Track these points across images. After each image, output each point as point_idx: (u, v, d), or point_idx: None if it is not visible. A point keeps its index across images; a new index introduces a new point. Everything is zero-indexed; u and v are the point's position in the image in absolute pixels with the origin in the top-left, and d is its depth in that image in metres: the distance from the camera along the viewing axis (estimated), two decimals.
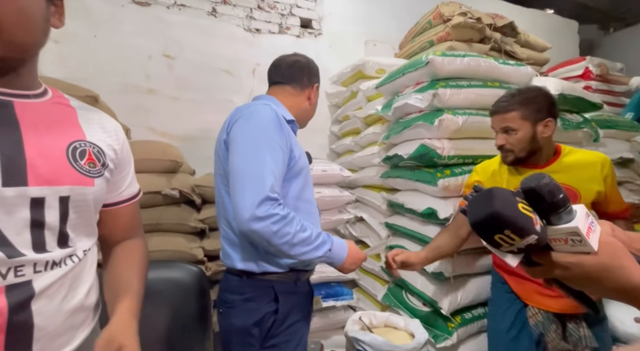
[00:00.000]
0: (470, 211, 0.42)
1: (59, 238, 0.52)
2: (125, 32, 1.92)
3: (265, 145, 0.81)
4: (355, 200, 2.02)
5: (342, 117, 2.28)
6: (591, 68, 2.79)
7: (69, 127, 0.56)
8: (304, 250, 0.82)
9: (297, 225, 0.81)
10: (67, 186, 0.52)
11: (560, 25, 3.44)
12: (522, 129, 1.02)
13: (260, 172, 0.78)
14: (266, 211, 0.75)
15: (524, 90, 1.07)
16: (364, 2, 2.56)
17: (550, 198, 0.39)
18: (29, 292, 0.48)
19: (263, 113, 0.85)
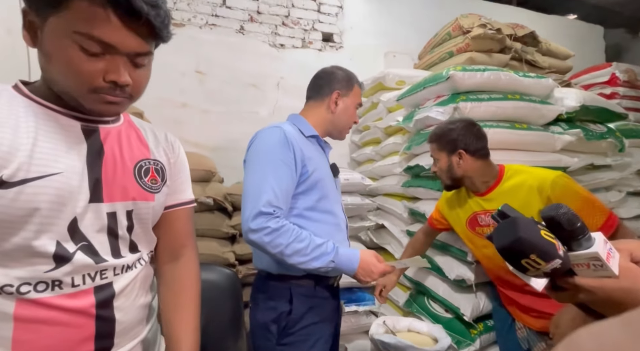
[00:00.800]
0: (496, 238, 0.45)
1: (130, 246, 0.60)
2: (161, 51, 2.05)
3: (268, 164, 0.89)
4: (376, 207, 2.07)
5: (363, 127, 2.35)
6: (618, 74, 2.73)
7: (138, 147, 0.63)
8: (301, 260, 0.87)
9: (291, 237, 0.85)
10: (129, 201, 0.59)
11: (584, 30, 3.38)
12: (440, 159, 1.14)
13: (259, 188, 0.86)
14: (259, 224, 0.83)
15: (446, 123, 1.17)
16: (383, 15, 2.64)
17: (569, 226, 0.42)
18: (111, 292, 0.56)
19: (268, 136, 0.94)
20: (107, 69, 0.50)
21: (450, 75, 1.40)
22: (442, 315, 1.45)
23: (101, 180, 0.56)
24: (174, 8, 2.12)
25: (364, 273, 0.92)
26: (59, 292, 0.51)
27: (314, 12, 2.45)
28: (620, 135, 1.57)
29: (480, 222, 1.13)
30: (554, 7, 3.31)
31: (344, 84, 1.05)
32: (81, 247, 0.53)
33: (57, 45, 0.48)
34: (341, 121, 1.06)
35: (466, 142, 1.09)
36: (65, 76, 0.50)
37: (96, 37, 0.48)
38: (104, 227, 0.56)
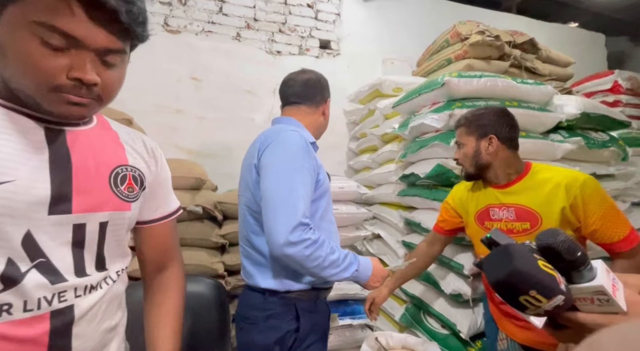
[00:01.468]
0: (488, 270, 0.40)
1: (97, 262, 0.54)
2: (157, 57, 2.08)
3: (296, 171, 0.85)
4: (373, 217, 2.02)
5: (360, 134, 2.32)
6: (620, 82, 2.69)
7: (113, 151, 0.58)
8: (334, 272, 0.85)
9: (328, 248, 0.83)
10: (105, 212, 0.54)
11: (585, 38, 3.35)
12: (467, 144, 1.07)
13: (292, 197, 0.81)
14: (299, 236, 0.78)
15: (477, 108, 1.11)
16: (381, 22, 2.63)
17: (570, 256, 0.37)
18: (70, 317, 0.49)
19: (293, 140, 0.89)
20: (72, 65, 0.45)
21: (445, 82, 1.36)
22: (438, 331, 1.38)
23: (71, 189, 0.50)
24: (170, 15, 2.12)
25: (375, 279, 0.92)
26: (7, 318, 0.44)
27: (311, 19, 2.44)
28: (624, 144, 1.52)
29: (492, 216, 1.06)
30: (555, 15, 3.29)
31: (328, 91, 1.11)
32: (37, 265, 0.47)
33: (14, 37, 0.43)
34: (324, 127, 1.12)
35: (498, 128, 1.04)
36: (23, 72, 0.44)
37: (58, 29, 0.43)
38: (68, 241, 0.50)
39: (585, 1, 3.15)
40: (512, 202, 1.01)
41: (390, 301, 1.78)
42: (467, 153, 1.06)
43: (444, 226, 1.22)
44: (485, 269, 0.40)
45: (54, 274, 0.48)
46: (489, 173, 1.06)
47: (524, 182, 1.02)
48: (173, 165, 1.57)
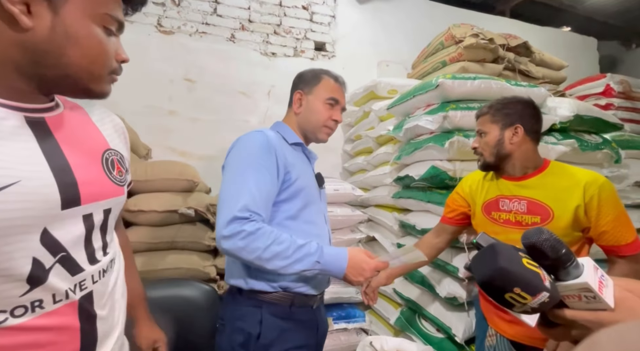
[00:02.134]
0: (475, 270, 0.41)
1: (103, 247, 0.55)
2: (150, 58, 2.05)
3: (248, 167, 0.83)
4: (368, 219, 2.01)
5: (355, 137, 2.31)
6: (612, 85, 2.71)
7: (94, 135, 0.57)
8: (283, 264, 0.79)
9: (269, 239, 0.78)
10: (108, 199, 0.54)
11: (578, 42, 3.39)
12: (490, 132, 1.04)
13: (235, 193, 0.81)
14: (232, 229, 0.76)
15: (504, 97, 1.09)
16: (376, 25, 2.63)
17: (554, 253, 0.38)
18: (91, 302, 0.52)
19: (251, 139, 0.88)
20: (117, 49, 0.52)
21: (439, 83, 1.36)
22: (433, 334, 1.37)
23: (75, 180, 0.48)
24: (164, 16, 2.10)
25: (355, 272, 0.82)
26: (41, 312, 0.46)
27: (306, 21, 2.44)
28: (616, 146, 1.52)
29: (501, 207, 1.04)
30: (548, 19, 3.32)
31: (307, 82, 1.00)
32: (59, 260, 0.48)
33: (88, 26, 0.47)
34: (310, 121, 0.99)
35: (525, 119, 1.02)
36: (94, 58, 0.48)
37: (117, 18, 0.50)
38: (81, 232, 0.50)
39: (577, 6, 3.19)
40: (526, 195, 1.00)
41: (385, 304, 1.77)
42: (489, 141, 1.04)
43: (452, 215, 1.19)
44: (472, 269, 0.41)
45: (73, 265, 0.50)
46: (507, 164, 1.04)
47: (541, 177, 1.01)
48: (165, 166, 1.56)
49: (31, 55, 0.45)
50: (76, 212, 0.49)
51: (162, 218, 1.44)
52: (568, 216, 0.93)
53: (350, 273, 0.82)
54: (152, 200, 1.44)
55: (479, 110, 1.10)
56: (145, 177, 1.47)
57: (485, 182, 1.12)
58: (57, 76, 0.47)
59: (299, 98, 1.00)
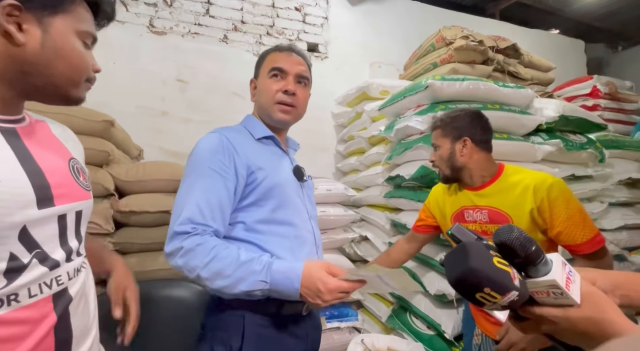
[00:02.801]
0: (447, 268, 0.41)
1: (78, 247, 0.59)
2: (142, 59, 2.05)
3: (195, 174, 0.76)
4: (360, 219, 2.03)
5: (348, 137, 2.33)
6: (599, 86, 2.78)
7: (57, 145, 0.61)
8: (224, 284, 0.69)
9: (207, 256, 0.69)
10: (79, 202, 0.58)
11: (566, 44, 3.46)
12: (443, 146, 1.08)
13: (179, 205, 0.74)
14: (172, 246, 0.71)
15: (453, 111, 1.12)
16: (368, 26, 2.66)
17: (523, 251, 0.38)
18: (68, 297, 0.55)
19: (202, 143, 0.80)
20: (92, 61, 0.59)
21: (429, 85, 1.38)
22: (424, 331, 1.39)
23: (47, 183, 0.53)
24: (156, 16, 2.10)
25: (311, 293, 0.68)
26: (16, 306, 0.49)
27: (299, 23, 2.46)
28: (601, 146, 1.56)
29: (466, 218, 1.07)
30: (537, 21, 3.39)
31: (256, 67, 0.94)
32: (35, 255, 0.51)
33: (70, 41, 0.54)
34: (261, 103, 0.89)
35: (472, 131, 1.05)
36: (75, 68, 0.56)
37: (92, 34, 0.58)
38: (56, 231, 0.54)
39: (565, 9, 3.25)
40: (485, 204, 1.03)
41: (377, 302, 1.78)
42: (442, 155, 1.08)
43: (420, 224, 1.25)
44: (445, 266, 0.42)
45: (50, 262, 0.53)
46: (464, 175, 1.07)
47: (496, 184, 1.04)
48: (157, 167, 1.56)
49: (20, 66, 0.51)
50: (52, 212, 0.53)
51: (154, 219, 1.44)
52: (526, 220, 0.95)
53: (305, 294, 0.68)
54: (144, 201, 1.44)
55: (432, 124, 1.13)
56: (137, 177, 1.47)
57: (451, 193, 1.14)
58: (41, 83, 0.54)
59: (253, 87, 0.94)
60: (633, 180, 1.68)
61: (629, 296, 0.42)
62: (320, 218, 1.80)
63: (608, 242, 1.62)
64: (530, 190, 0.95)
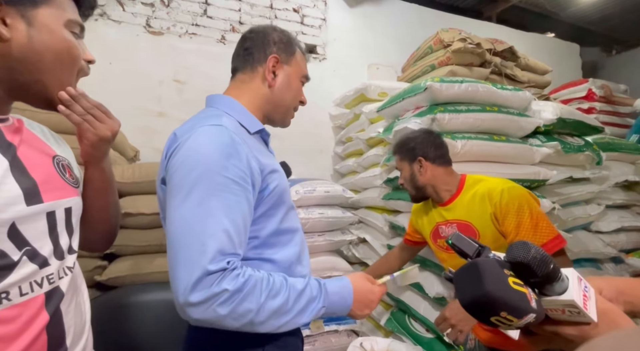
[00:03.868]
0: (457, 288, 0.39)
1: (70, 245, 0.58)
2: (138, 59, 2.03)
3: (213, 192, 0.57)
4: (358, 221, 2.02)
5: (346, 139, 2.32)
6: (594, 89, 2.81)
7: (39, 143, 0.58)
8: (282, 322, 0.59)
9: (262, 294, 0.57)
10: (67, 198, 0.57)
11: (561, 48, 3.50)
12: (403, 170, 1.14)
13: (199, 233, 0.55)
14: (206, 293, 0.52)
15: (406, 134, 1.19)
16: (366, 28, 2.66)
17: (541, 270, 0.36)
18: (59, 295, 0.54)
19: (206, 142, 0.60)
20: (83, 51, 0.57)
21: (427, 86, 1.38)
22: (423, 335, 1.38)
23: (34, 180, 0.52)
24: (153, 16, 2.08)
25: (362, 305, 0.67)
26: (7, 304, 0.48)
27: (297, 24, 2.45)
28: (598, 148, 1.57)
29: (441, 234, 1.11)
30: (533, 25, 3.42)
31: (282, 47, 0.74)
32: (25, 253, 0.50)
33: (57, 32, 0.52)
34: (284, 99, 0.75)
35: (425, 150, 1.10)
36: (65, 61, 0.54)
37: (77, 21, 0.56)
38: (45, 229, 0.53)
39: (561, 13, 3.28)
40: (454, 217, 1.07)
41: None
42: (405, 177, 1.14)
43: (408, 238, 1.32)
44: (455, 286, 0.40)
45: (40, 259, 0.51)
46: (430, 193, 1.12)
47: (461, 196, 1.07)
48: (154, 168, 1.54)
49: (8, 63, 0.50)
50: (40, 209, 0.51)
51: (150, 221, 1.42)
52: (490, 228, 0.98)
53: (356, 309, 0.67)
54: (140, 203, 1.42)
55: (392, 150, 1.19)
56: (133, 179, 1.45)
57: (427, 210, 1.19)
58: (29, 80, 0.52)
59: (273, 66, 0.73)
60: (629, 182, 1.69)
61: (632, 303, 0.42)
62: (318, 220, 1.79)
63: (605, 244, 1.63)
64: (486, 198, 0.99)
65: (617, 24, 3.51)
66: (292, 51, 0.76)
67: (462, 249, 0.43)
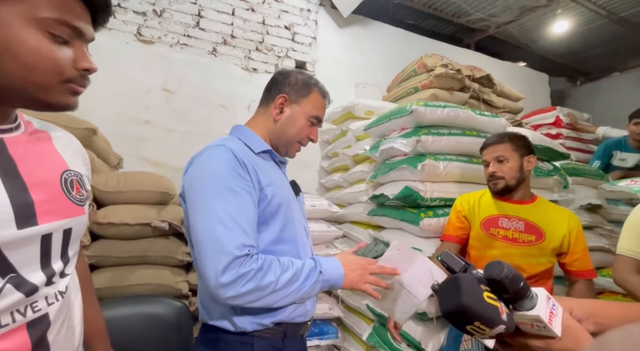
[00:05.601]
0: (440, 299, 0.44)
1: (63, 269, 0.54)
2: (127, 66, 2.01)
3: (218, 197, 0.70)
4: (343, 235, 2.05)
5: (332, 154, 2.38)
6: (561, 117, 3.04)
7: (52, 156, 0.56)
8: (294, 287, 0.71)
9: (278, 269, 0.71)
10: (68, 219, 0.53)
11: (532, 76, 3.77)
12: (512, 159, 1.19)
13: (222, 229, 0.67)
14: (235, 273, 0.66)
15: (510, 131, 1.29)
16: (355, 48, 2.77)
17: (512, 288, 0.41)
18: (45, 324, 0.49)
19: (212, 159, 0.74)
20: (77, 57, 0.48)
21: (413, 110, 1.46)
22: (404, 350, 1.41)
23: (31, 200, 0.48)
24: (144, 25, 2.08)
25: (356, 269, 0.77)
26: None
27: (288, 41, 2.52)
28: (565, 173, 1.70)
29: (499, 224, 1.21)
30: (507, 54, 3.67)
31: (295, 89, 0.86)
32: (9, 280, 0.45)
33: (20, 33, 0.44)
34: (286, 133, 0.86)
35: (532, 153, 1.22)
36: (33, 67, 0.45)
37: (68, 22, 0.47)
38: (37, 253, 0.49)
39: (532, 45, 3.56)
40: (525, 216, 1.19)
41: (357, 320, 1.79)
42: (512, 166, 1.19)
43: (460, 233, 1.31)
44: (438, 297, 0.45)
45: (28, 287, 0.47)
46: (520, 188, 1.22)
47: (534, 205, 1.23)
48: (139, 177, 1.52)
49: None
50: (34, 232, 0.47)
51: (134, 232, 1.39)
52: (556, 241, 1.16)
53: (350, 271, 0.76)
54: (124, 212, 1.39)
55: (494, 140, 1.24)
56: (118, 187, 1.42)
57: (482, 201, 1.28)
58: (8, 90, 0.46)
59: (281, 103, 0.86)
60: (592, 205, 1.83)
61: (602, 324, 0.47)
62: None
63: None
64: (566, 220, 1.18)
65: (581, 58, 3.84)
66: (305, 94, 0.87)
67: (450, 265, 0.48)
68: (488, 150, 1.24)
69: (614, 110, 3.40)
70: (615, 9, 2.88)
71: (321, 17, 2.64)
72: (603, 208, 1.88)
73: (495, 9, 2.96)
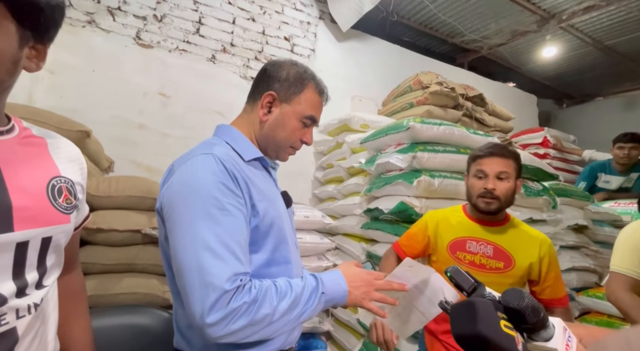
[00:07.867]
0: (452, 321, 0.42)
1: (38, 280, 0.51)
2: (124, 69, 1.99)
3: (206, 219, 0.59)
4: (335, 247, 2.04)
5: (327, 165, 2.38)
6: (549, 137, 3.14)
7: (43, 162, 0.55)
8: (294, 315, 0.62)
9: (275, 298, 0.61)
10: (49, 226, 0.51)
11: (521, 97, 3.90)
12: (511, 179, 1.06)
13: (210, 256, 0.57)
14: (225, 311, 0.56)
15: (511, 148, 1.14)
16: (352, 62, 2.82)
17: (532, 319, 0.40)
18: (13, 338, 0.47)
19: (201, 172, 0.62)
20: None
21: (410, 126, 1.49)
22: None
23: (9, 205, 0.46)
24: (144, 29, 2.08)
25: (360, 286, 0.68)
26: None
27: (287, 52, 2.55)
28: (553, 194, 1.74)
29: (467, 248, 1.08)
30: (498, 75, 3.80)
31: (286, 85, 0.74)
32: None
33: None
34: (275, 136, 0.75)
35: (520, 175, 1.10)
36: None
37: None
38: (10, 262, 0.46)
39: (522, 67, 3.69)
40: (494, 240, 1.07)
41: (347, 335, 1.77)
42: (510, 188, 1.05)
43: (407, 251, 1.19)
44: (450, 319, 0.44)
45: None
46: (500, 211, 1.07)
47: (506, 226, 1.10)
48: (132, 183, 1.49)
49: None
50: (9, 239, 0.45)
51: (123, 238, 1.36)
52: (525, 268, 1.04)
53: (354, 289, 0.68)
54: (113, 218, 1.35)
55: (503, 152, 1.06)
56: (109, 192, 1.38)
57: (452, 221, 1.15)
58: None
59: (269, 102, 0.74)
60: (579, 226, 1.87)
61: None
62: None
63: None
64: (537, 244, 1.06)
65: (568, 82, 4.00)
66: (298, 90, 0.75)
67: (459, 283, 0.46)
68: (490, 161, 1.05)
69: (599, 133, 3.54)
70: (601, 37, 3.03)
71: (320, 30, 2.69)
72: (589, 228, 1.93)
73: (488, 31, 3.08)
